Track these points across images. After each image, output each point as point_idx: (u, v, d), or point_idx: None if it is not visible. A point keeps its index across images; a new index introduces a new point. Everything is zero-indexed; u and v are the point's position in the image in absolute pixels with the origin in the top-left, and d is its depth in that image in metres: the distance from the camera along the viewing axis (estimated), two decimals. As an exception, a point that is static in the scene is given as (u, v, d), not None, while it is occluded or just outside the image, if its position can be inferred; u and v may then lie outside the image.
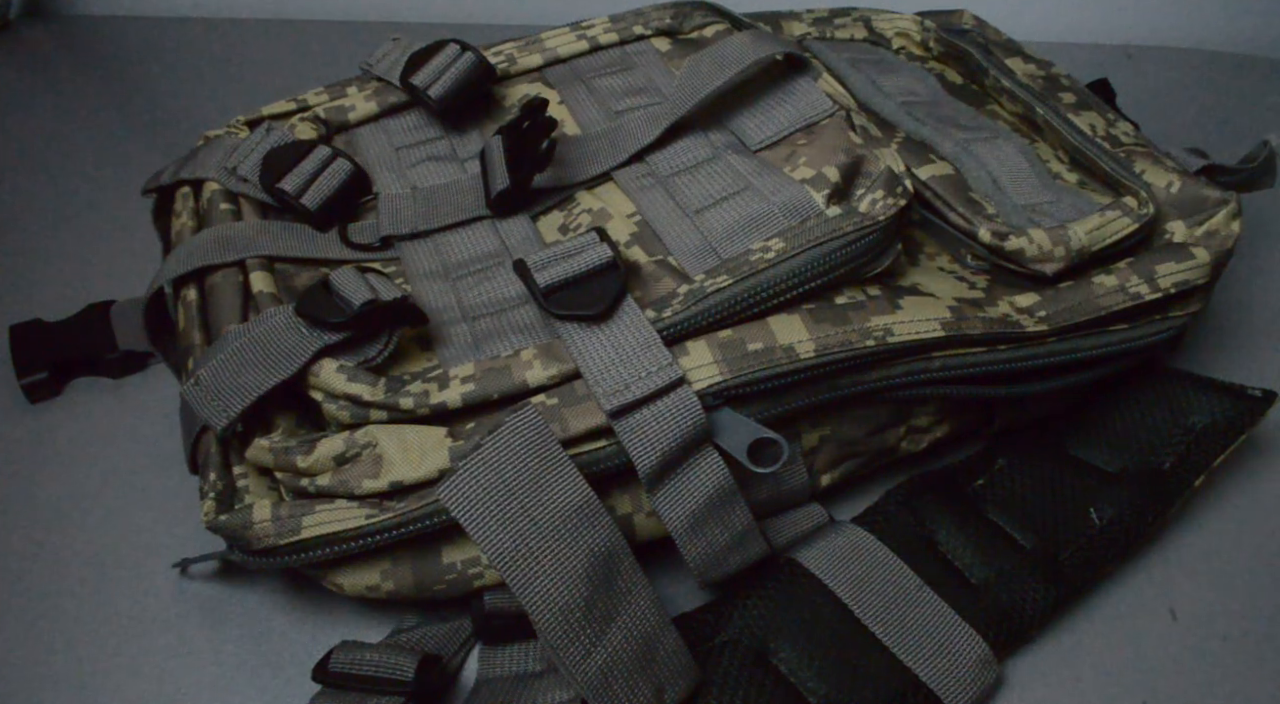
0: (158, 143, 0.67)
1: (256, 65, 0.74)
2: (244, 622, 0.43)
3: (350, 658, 0.39)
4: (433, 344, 0.42)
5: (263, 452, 0.39)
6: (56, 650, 0.42)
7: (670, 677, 0.37)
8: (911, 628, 0.40)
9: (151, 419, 0.51)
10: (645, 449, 0.38)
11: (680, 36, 0.55)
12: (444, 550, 0.40)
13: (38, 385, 0.52)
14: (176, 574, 0.45)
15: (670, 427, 0.38)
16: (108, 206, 0.63)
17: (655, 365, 0.38)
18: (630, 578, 0.37)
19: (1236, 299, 0.57)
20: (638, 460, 0.38)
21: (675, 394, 0.38)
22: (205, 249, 0.45)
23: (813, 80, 0.48)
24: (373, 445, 0.38)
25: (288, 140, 0.49)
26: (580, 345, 0.39)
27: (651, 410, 0.38)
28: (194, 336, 0.44)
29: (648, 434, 0.38)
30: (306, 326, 0.39)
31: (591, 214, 0.46)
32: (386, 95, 0.52)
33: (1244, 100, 0.69)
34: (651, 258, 0.43)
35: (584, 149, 0.49)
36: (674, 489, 0.39)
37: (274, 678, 0.42)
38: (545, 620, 0.35)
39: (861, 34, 0.60)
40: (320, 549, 0.38)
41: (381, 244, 0.47)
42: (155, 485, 0.48)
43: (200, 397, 0.40)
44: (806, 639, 0.40)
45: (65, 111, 0.71)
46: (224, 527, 0.39)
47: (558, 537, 0.35)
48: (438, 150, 0.51)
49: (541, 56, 0.54)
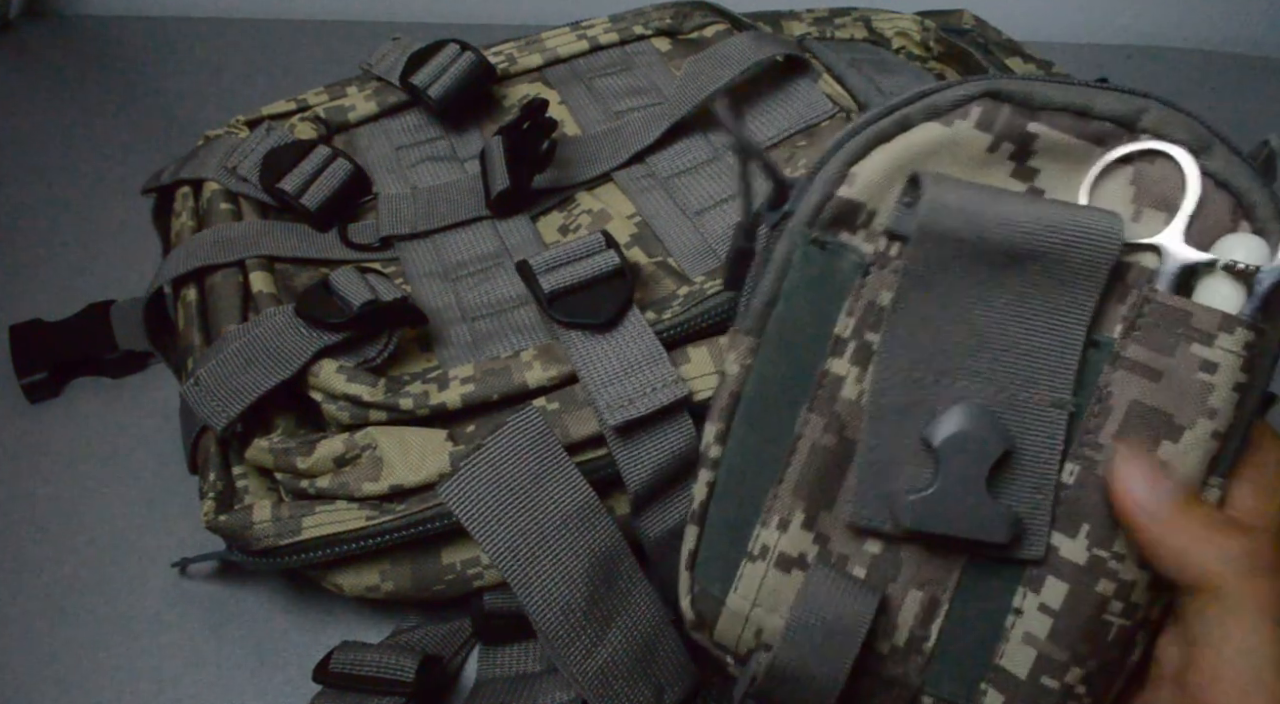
0: (158, 143, 0.67)
1: (256, 65, 0.74)
2: (244, 622, 0.43)
3: (351, 658, 0.39)
4: (432, 345, 0.42)
5: (262, 452, 0.39)
6: (56, 650, 0.42)
7: (670, 677, 0.37)
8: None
9: (151, 419, 0.51)
10: (638, 471, 0.37)
11: (680, 36, 0.55)
12: (443, 551, 0.40)
13: (37, 385, 0.52)
14: (176, 574, 0.45)
15: (664, 451, 0.38)
16: (108, 206, 0.62)
17: (660, 381, 0.37)
18: (630, 578, 0.37)
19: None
20: (629, 480, 0.38)
21: (676, 419, 0.38)
22: (205, 249, 0.45)
23: (813, 81, 0.48)
24: (373, 447, 0.38)
25: (288, 140, 0.48)
26: (583, 354, 0.38)
27: (650, 435, 0.37)
28: (194, 337, 0.44)
29: (642, 457, 0.38)
30: (306, 327, 0.39)
31: (591, 215, 0.46)
32: (386, 95, 0.52)
33: (1244, 100, 0.69)
34: (651, 259, 0.43)
35: (584, 149, 0.49)
36: (656, 511, 0.39)
37: (274, 678, 0.42)
38: (546, 620, 0.35)
39: (861, 34, 0.60)
40: (320, 550, 0.38)
41: (381, 244, 0.47)
42: (155, 485, 0.48)
43: (200, 397, 0.40)
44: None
45: (65, 111, 0.71)
46: (224, 527, 0.39)
47: (559, 537, 0.35)
48: (438, 150, 0.51)
49: (541, 56, 0.54)
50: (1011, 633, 0.30)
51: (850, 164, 0.31)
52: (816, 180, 0.31)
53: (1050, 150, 0.30)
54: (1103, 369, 0.29)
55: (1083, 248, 0.28)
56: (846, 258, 0.31)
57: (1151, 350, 0.29)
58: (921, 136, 0.30)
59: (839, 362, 0.31)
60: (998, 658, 0.30)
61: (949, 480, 0.29)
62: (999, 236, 0.28)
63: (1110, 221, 0.28)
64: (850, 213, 0.31)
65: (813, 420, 0.31)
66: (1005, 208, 0.29)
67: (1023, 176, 0.31)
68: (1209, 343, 0.29)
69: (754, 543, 0.31)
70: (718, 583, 0.32)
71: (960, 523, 0.29)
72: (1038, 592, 0.30)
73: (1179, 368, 0.29)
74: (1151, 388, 0.29)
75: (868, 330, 0.30)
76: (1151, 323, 0.29)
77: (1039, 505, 0.29)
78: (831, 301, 0.31)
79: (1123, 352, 0.29)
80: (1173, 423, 0.29)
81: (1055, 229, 0.28)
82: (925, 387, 0.30)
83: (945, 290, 0.29)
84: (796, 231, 0.31)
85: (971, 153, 0.30)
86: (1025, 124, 0.30)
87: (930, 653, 0.30)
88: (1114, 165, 0.30)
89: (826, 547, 0.31)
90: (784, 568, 0.31)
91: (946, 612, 0.30)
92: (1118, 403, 0.29)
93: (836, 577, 0.30)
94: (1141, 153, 0.30)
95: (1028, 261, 0.29)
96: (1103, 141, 0.30)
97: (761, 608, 0.31)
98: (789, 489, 0.31)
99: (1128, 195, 0.30)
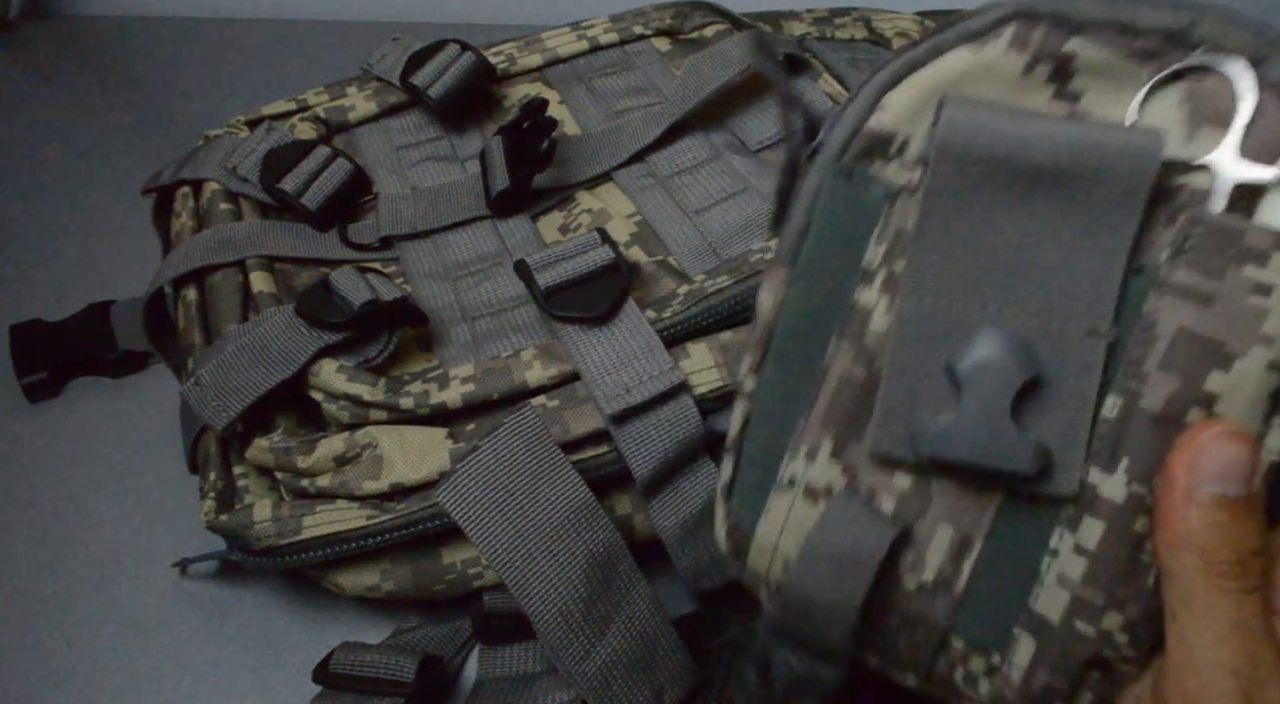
0: (158, 143, 0.67)
1: (256, 65, 0.74)
2: (244, 622, 0.43)
3: (351, 659, 0.39)
4: (432, 344, 0.42)
5: (263, 452, 0.39)
6: (56, 650, 0.42)
7: (670, 677, 0.37)
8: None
9: (151, 419, 0.51)
10: (643, 457, 0.38)
11: (680, 36, 0.55)
12: (443, 551, 0.40)
13: (37, 385, 0.52)
14: (176, 574, 0.45)
15: (668, 436, 0.38)
16: (108, 207, 0.63)
17: (657, 369, 0.38)
18: (629, 578, 0.37)
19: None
20: (635, 468, 0.38)
21: (675, 402, 0.38)
22: (205, 249, 0.45)
23: (812, 81, 0.48)
24: (373, 446, 0.38)
25: (288, 140, 0.48)
26: (580, 347, 0.39)
27: (651, 418, 0.38)
28: (194, 336, 0.44)
29: (646, 442, 0.38)
30: (306, 326, 0.39)
31: (591, 214, 0.46)
32: (386, 95, 0.52)
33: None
34: (651, 258, 0.43)
35: (584, 149, 0.49)
36: (668, 498, 0.39)
37: (274, 678, 0.42)
38: (544, 621, 0.35)
39: (861, 34, 0.60)
40: (320, 549, 0.38)
41: (381, 244, 0.47)
42: (155, 485, 0.48)
43: (200, 396, 0.40)
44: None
45: (65, 111, 0.71)
46: (224, 526, 0.39)
47: (556, 537, 0.35)
48: (438, 150, 0.51)
49: (541, 56, 0.54)
50: (1046, 576, 0.29)
51: (881, 94, 0.29)
52: (847, 112, 0.30)
53: (1092, 70, 0.28)
54: (1149, 296, 0.28)
55: (1117, 168, 0.27)
56: (873, 188, 0.30)
57: (1200, 273, 0.27)
58: (954, 61, 0.29)
59: (868, 291, 0.30)
60: (1033, 601, 0.29)
61: (971, 408, 0.28)
62: (1024, 156, 0.27)
63: (1147, 139, 0.27)
64: (882, 143, 0.30)
65: (843, 350, 0.30)
66: (1030, 127, 0.27)
67: (1065, 99, 0.29)
68: (1263, 263, 0.27)
69: (783, 472, 0.31)
70: (749, 513, 0.31)
71: (981, 452, 0.28)
72: (1075, 531, 0.28)
73: (1230, 291, 0.27)
74: (1200, 313, 0.27)
75: (896, 259, 0.29)
76: (1200, 245, 0.27)
77: (1073, 439, 0.28)
78: (860, 231, 0.30)
79: (1169, 277, 0.27)
80: (1223, 351, 0.27)
81: (1085, 148, 0.27)
82: (951, 313, 0.29)
83: (970, 213, 0.28)
84: (825, 163, 0.30)
85: (1006, 76, 0.29)
86: (1062, 43, 0.28)
87: (961, 593, 0.29)
88: (1165, 82, 0.28)
89: (855, 479, 0.30)
90: (811, 498, 0.30)
91: (980, 551, 0.29)
92: (1163, 331, 0.27)
93: (856, 508, 0.29)
94: (1194, 68, 0.28)
95: (1058, 183, 0.27)
96: (1151, 58, 0.28)
97: (788, 538, 0.30)
98: (818, 419, 0.30)
99: (1181, 114, 0.28)
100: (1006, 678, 0.29)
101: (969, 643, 0.30)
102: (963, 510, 0.29)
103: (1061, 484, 0.28)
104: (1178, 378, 0.27)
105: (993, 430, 0.28)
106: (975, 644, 0.30)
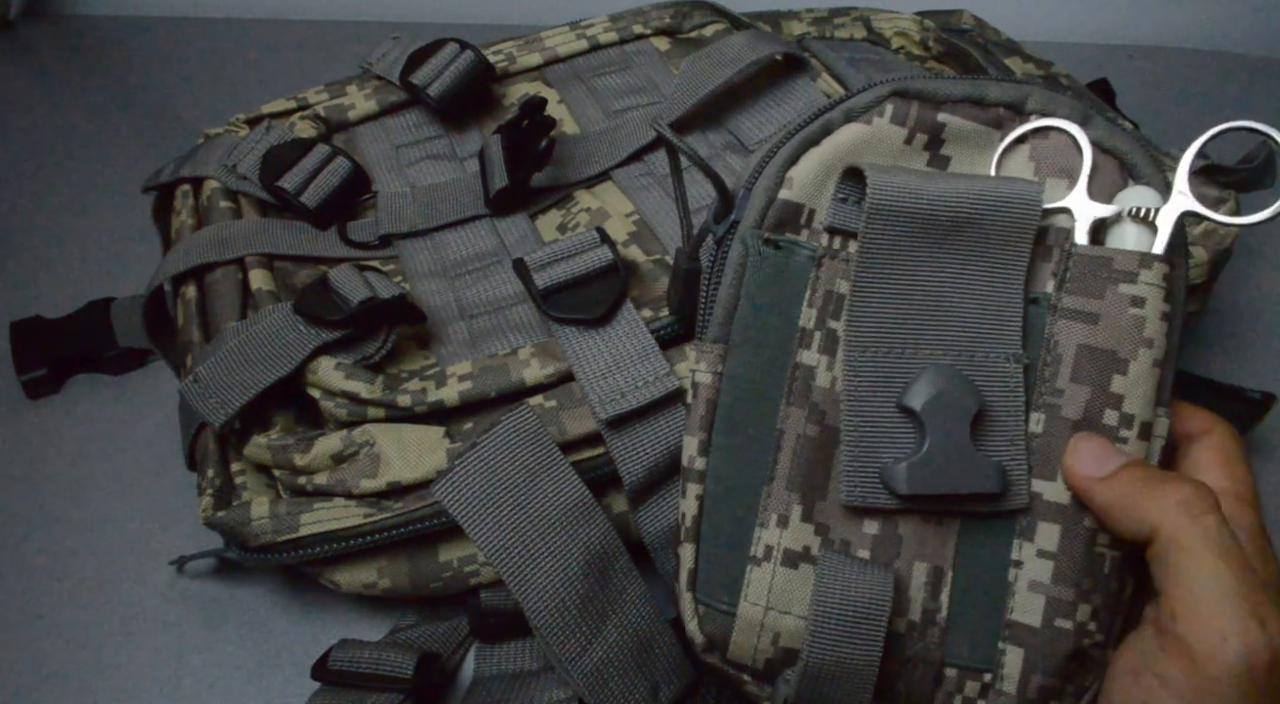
0: (158, 142, 0.67)
1: (256, 65, 0.74)
2: (243, 620, 0.43)
3: (349, 656, 0.39)
4: (431, 342, 0.42)
5: (261, 449, 0.39)
6: (55, 649, 0.42)
7: (665, 675, 0.37)
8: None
9: (150, 416, 0.51)
10: (634, 463, 0.38)
11: (680, 36, 0.55)
12: (440, 548, 0.40)
13: (37, 382, 0.52)
14: (174, 572, 0.45)
15: (661, 443, 0.37)
16: (108, 204, 0.63)
17: (652, 374, 0.38)
18: (625, 576, 0.37)
19: (1235, 299, 0.57)
20: (625, 475, 0.38)
21: (670, 409, 0.38)
22: (205, 247, 0.45)
23: (811, 80, 0.48)
24: (370, 444, 0.38)
25: (287, 138, 0.49)
26: (577, 349, 0.39)
27: (644, 424, 0.37)
28: (193, 334, 0.44)
29: (638, 449, 0.38)
30: (305, 324, 0.40)
31: (590, 213, 0.46)
32: (386, 94, 0.52)
33: (1243, 100, 0.69)
34: (649, 257, 0.43)
35: (583, 148, 0.49)
36: (654, 505, 0.39)
37: (272, 675, 0.42)
38: (541, 617, 0.35)
39: (861, 34, 0.60)
40: (318, 547, 0.38)
41: (380, 242, 0.47)
42: (154, 482, 0.48)
43: (199, 393, 0.40)
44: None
45: (65, 111, 0.71)
46: (221, 523, 0.39)
47: (553, 534, 0.35)
48: (437, 149, 0.51)
49: (541, 55, 0.54)
50: (1016, 586, 0.31)
51: (785, 169, 0.33)
52: (757, 187, 0.33)
53: (958, 137, 0.33)
54: (1046, 321, 0.32)
55: (1010, 212, 0.31)
56: (799, 253, 0.33)
57: (1084, 296, 0.32)
58: (846, 136, 0.33)
59: (808, 352, 0.32)
60: (1009, 613, 0.31)
61: (937, 440, 0.31)
62: (940, 210, 0.31)
63: (1029, 188, 0.31)
64: (793, 213, 0.33)
65: (793, 413, 0.32)
66: (938, 184, 0.31)
67: (937, 163, 0.34)
68: (1133, 281, 0.31)
69: (756, 546, 0.32)
70: (724, 596, 0.32)
71: (956, 480, 0.31)
72: (1032, 539, 0.31)
73: (1111, 308, 0.31)
74: (1091, 330, 0.31)
75: (830, 318, 0.32)
76: (1079, 272, 0.32)
77: (1016, 455, 0.31)
78: (792, 296, 0.33)
79: (1059, 303, 0.32)
80: (1117, 357, 0.31)
81: (983, 198, 0.31)
82: (894, 359, 0.32)
83: (898, 267, 0.32)
84: (747, 235, 0.33)
85: (891, 146, 0.33)
86: (934, 115, 0.33)
87: (945, 623, 0.31)
88: (1013, 144, 0.33)
89: (828, 535, 0.32)
90: (791, 564, 0.31)
91: (952, 579, 0.31)
92: (1065, 349, 0.32)
93: (847, 561, 0.31)
94: (1035, 131, 0.33)
95: (964, 229, 0.31)
96: (1000, 124, 0.33)
97: (776, 610, 0.31)
98: (782, 484, 0.32)
99: (1030, 169, 0.33)
100: (1001, 693, 0.31)
101: (960, 670, 0.31)
102: (929, 542, 0.32)
103: (1014, 499, 0.31)
104: (1089, 386, 0.31)
105: (961, 458, 0.31)
106: (966, 669, 0.31)
